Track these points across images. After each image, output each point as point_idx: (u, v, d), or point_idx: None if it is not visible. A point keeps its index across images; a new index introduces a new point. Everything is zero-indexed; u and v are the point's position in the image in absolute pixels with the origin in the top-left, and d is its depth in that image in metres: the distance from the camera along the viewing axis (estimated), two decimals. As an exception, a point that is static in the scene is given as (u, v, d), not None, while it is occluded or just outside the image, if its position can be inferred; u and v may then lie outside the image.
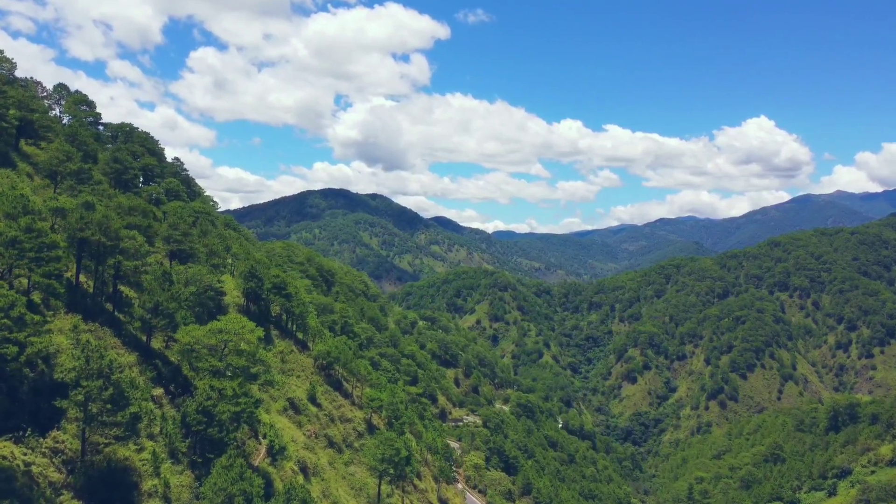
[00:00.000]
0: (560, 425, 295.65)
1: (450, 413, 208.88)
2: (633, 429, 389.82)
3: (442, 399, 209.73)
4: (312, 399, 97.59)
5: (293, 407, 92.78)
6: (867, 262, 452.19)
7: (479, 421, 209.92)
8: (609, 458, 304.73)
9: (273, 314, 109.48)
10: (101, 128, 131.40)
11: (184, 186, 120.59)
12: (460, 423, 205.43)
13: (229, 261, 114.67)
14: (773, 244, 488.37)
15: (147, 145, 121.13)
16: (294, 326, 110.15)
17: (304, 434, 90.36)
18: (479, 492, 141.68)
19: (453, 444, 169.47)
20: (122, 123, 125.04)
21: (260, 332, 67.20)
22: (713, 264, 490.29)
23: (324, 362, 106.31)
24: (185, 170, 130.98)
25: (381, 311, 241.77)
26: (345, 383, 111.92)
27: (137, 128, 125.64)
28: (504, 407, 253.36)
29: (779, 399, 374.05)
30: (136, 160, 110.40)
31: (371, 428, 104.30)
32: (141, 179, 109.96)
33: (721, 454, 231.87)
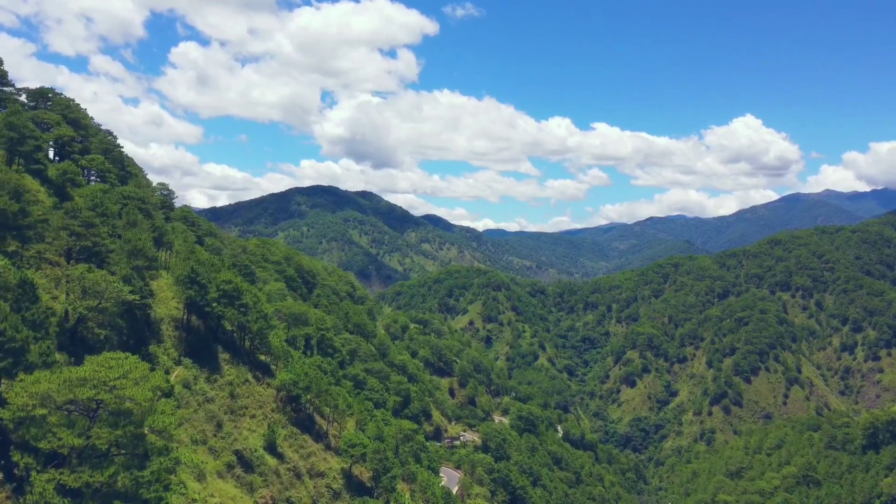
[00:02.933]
0: (560, 435, 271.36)
1: (445, 430, 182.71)
2: (632, 435, 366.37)
3: (436, 414, 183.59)
4: (271, 448, 70.95)
5: (242, 463, 66.03)
6: (870, 261, 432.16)
7: (477, 440, 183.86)
8: (612, 469, 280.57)
9: (227, 330, 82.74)
10: (22, 95, 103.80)
11: (114, 166, 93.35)
12: (457, 442, 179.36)
13: (174, 261, 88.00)
14: (773, 242, 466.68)
15: (69, 114, 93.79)
16: (251, 346, 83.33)
17: (257, 502, 63.84)
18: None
19: (452, 473, 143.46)
20: (41, 88, 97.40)
21: (158, 378, 40.46)
22: (712, 263, 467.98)
23: (289, 394, 79.64)
24: (119, 146, 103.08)
25: (368, 315, 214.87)
26: (318, 419, 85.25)
27: (61, 93, 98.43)
28: (503, 419, 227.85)
29: (784, 404, 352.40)
30: (47, 131, 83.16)
31: (351, 482, 77.81)
32: (51, 154, 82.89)
33: (740, 472, 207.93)
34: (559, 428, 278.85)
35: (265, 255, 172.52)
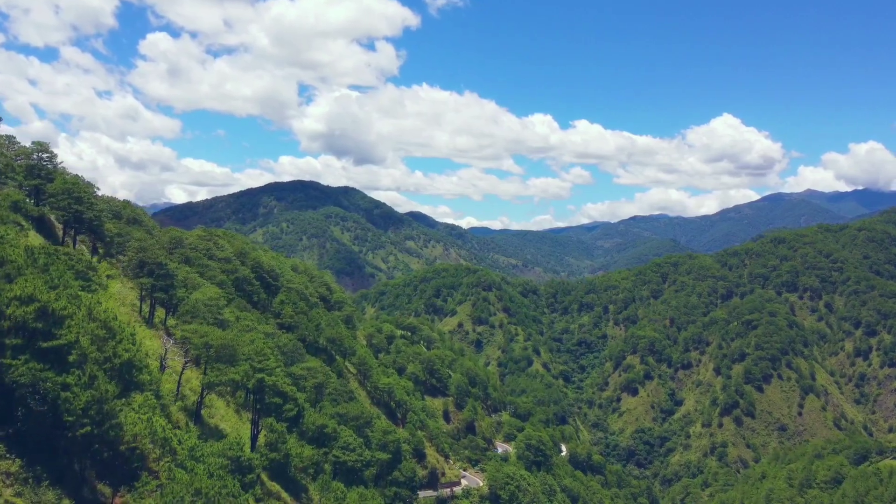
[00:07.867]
0: (565, 454, 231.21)
1: (442, 473, 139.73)
2: (635, 448, 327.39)
3: (430, 452, 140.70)
4: None
5: None
6: (878, 260, 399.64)
7: (482, 484, 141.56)
8: (623, 494, 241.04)
9: (35, 399, 39.36)
10: None
11: None
12: (458, 490, 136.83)
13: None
14: (776, 240, 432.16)
15: None
16: (82, 435, 39.71)
17: None
18: None
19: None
20: None
21: None
22: (713, 262, 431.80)
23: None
24: None
25: (346, 323, 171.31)
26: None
27: None
28: (507, 447, 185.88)
29: (799, 415, 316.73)
30: None
31: None
32: None
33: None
34: (563, 448, 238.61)
35: (210, 251, 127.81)
